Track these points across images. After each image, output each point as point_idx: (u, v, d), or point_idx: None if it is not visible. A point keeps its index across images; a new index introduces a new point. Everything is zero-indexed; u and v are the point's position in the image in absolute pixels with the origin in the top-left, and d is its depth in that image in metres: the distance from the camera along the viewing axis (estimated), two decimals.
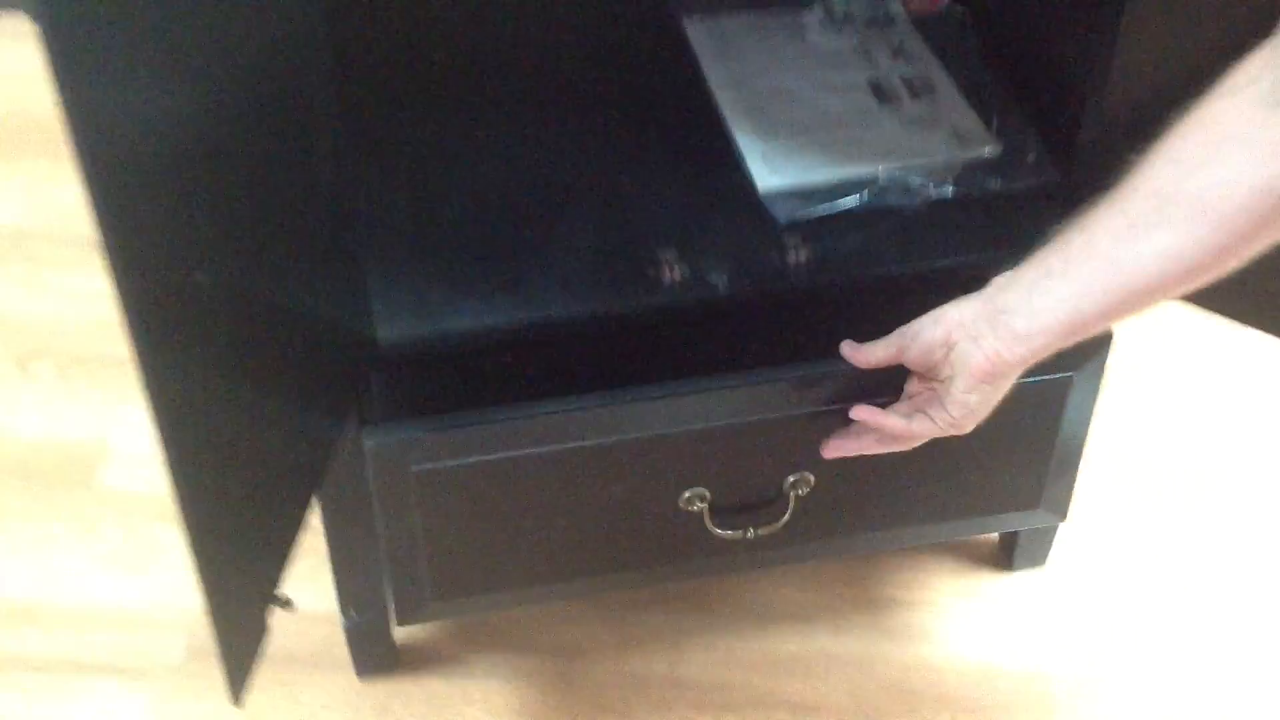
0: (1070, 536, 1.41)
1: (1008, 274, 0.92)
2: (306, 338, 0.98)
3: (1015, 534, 1.37)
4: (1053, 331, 0.89)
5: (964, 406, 0.95)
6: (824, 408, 1.07)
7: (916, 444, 1.02)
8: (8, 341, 1.64)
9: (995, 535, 1.41)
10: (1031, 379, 0.98)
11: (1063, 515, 1.24)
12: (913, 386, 1.01)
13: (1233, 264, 0.81)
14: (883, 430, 1.02)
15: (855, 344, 1.02)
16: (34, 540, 1.44)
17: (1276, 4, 0.78)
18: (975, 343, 0.92)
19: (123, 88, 0.68)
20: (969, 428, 0.97)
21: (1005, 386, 0.95)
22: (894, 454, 1.04)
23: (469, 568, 1.14)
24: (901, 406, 1.01)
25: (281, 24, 0.87)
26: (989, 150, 1.21)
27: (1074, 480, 1.22)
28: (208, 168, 0.78)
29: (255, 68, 0.84)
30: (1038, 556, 1.40)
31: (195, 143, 0.77)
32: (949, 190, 1.17)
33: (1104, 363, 1.14)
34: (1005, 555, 1.41)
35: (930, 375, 0.98)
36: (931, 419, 0.97)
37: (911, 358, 0.98)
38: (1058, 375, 1.12)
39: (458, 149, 1.21)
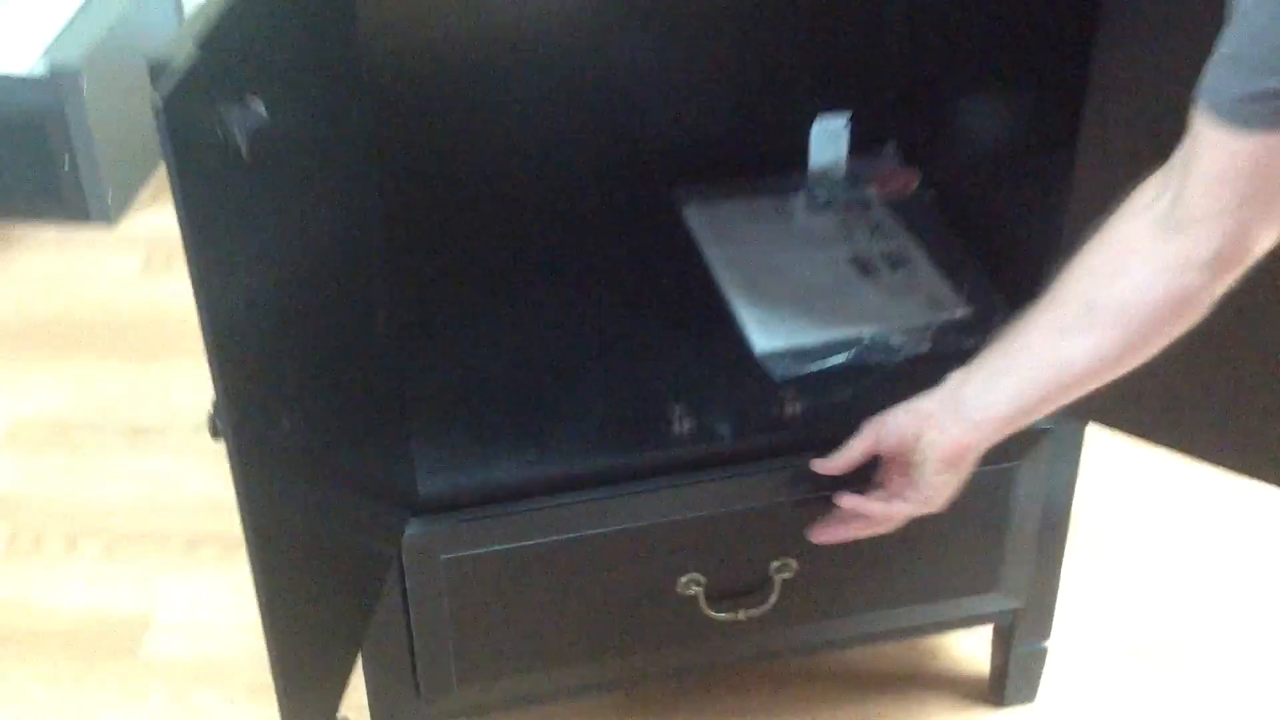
0: (1061, 672, 1.50)
1: (960, 372, 1.07)
2: (361, 481, 1.10)
3: (1006, 667, 1.47)
4: (1004, 418, 1.05)
5: (935, 487, 1.09)
6: (804, 497, 1.21)
7: (895, 526, 1.16)
8: (57, 523, 1.75)
9: (986, 669, 1.51)
10: (978, 469, 1.11)
11: (1020, 598, 1.37)
12: (883, 475, 1.15)
13: (1140, 360, 0.96)
14: (866, 514, 1.15)
15: (823, 459, 1.17)
16: (83, 708, 1.52)
17: None
18: (941, 431, 1.07)
19: (232, 271, 0.82)
20: (940, 505, 1.11)
21: (968, 467, 1.09)
22: (865, 540, 1.18)
23: (491, 650, 1.26)
24: (879, 493, 1.15)
25: (348, 220, 1.02)
26: (960, 313, 1.35)
27: (1029, 565, 1.34)
28: (291, 333, 0.92)
29: (328, 253, 0.98)
30: (1028, 691, 1.50)
31: (282, 314, 0.90)
32: (926, 348, 1.31)
33: (1043, 456, 1.27)
34: (996, 691, 1.50)
35: (902, 460, 1.11)
36: (907, 500, 1.11)
37: (887, 447, 1.12)
38: (1003, 465, 1.25)
39: (491, 322, 1.36)
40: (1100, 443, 1.32)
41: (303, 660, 1.00)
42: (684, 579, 1.26)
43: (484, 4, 1.43)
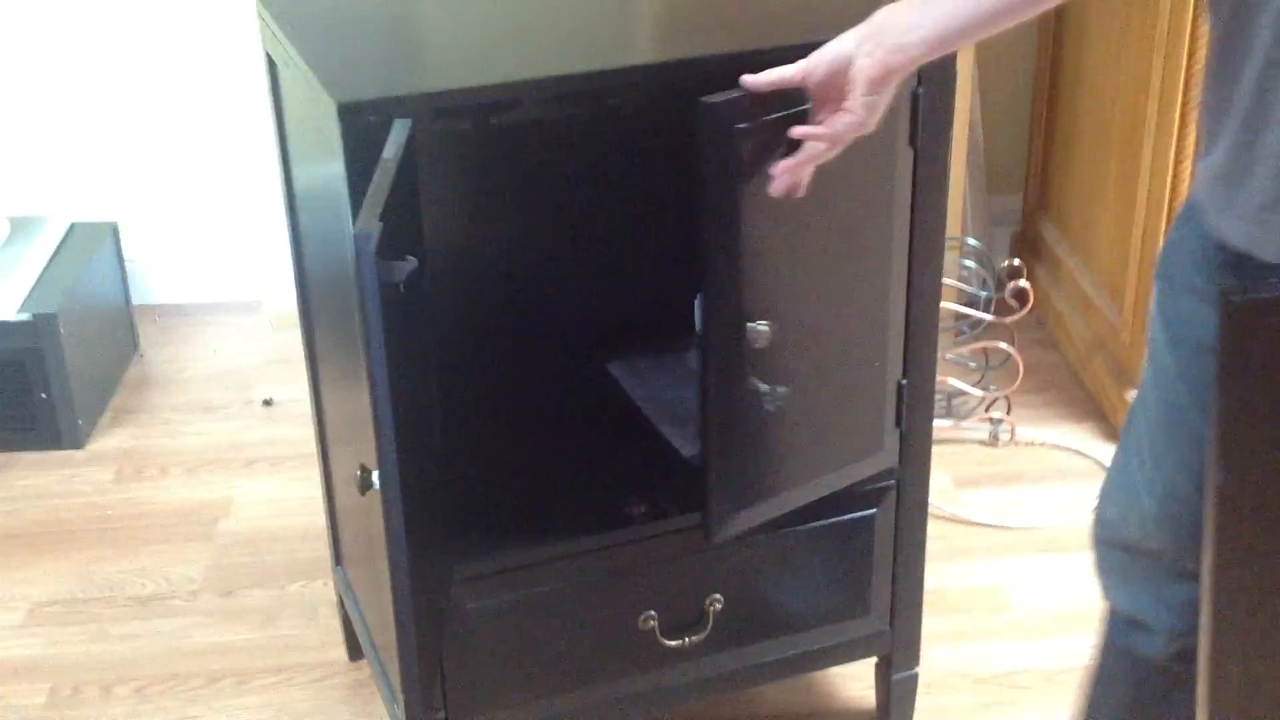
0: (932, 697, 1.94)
1: (886, 9, 1.25)
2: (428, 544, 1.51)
3: (887, 696, 1.90)
4: (927, 43, 1.22)
5: (866, 107, 1.25)
6: (726, 546, 1.64)
7: (841, 143, 1.31)
8: (90, 675, 2.06)
9: (873, 703, 1.94)
10: (845, 516, 1.57)
11: (887, 621, 1.82)
12: (817, 111, 1.31)
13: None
14: (814, 136, 1.30)
15: (754, 75, 1.30)
16: None
17: None
18: (869, 56, 1.23)
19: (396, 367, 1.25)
20: (873, 125, 1.28)
21: (891, 90, 1.27)
22: (766, 577, 1.62)
23: (502, 678, 1.66)
24: (820, 119, 1.31)
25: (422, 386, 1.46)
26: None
27: (889, 593, 1.79)
28: (410, 415, 1.34)
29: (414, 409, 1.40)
30: (906, 714, 1.93)
31: (413, 400, 1.32)
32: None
33: (894, 505, 1.74)
34: (881, 716, 1.93)
35: (835, 90, 1.27)
36: (842, 121, 1.28)
37: (818, 78, 1.27)
38: (867, 511, 1.72)
39: (495, 443, 1.79)
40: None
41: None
42: (642, 616, 1.68)
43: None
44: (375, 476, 1.29)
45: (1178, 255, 1.26)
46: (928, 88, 1.54)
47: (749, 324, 1.48)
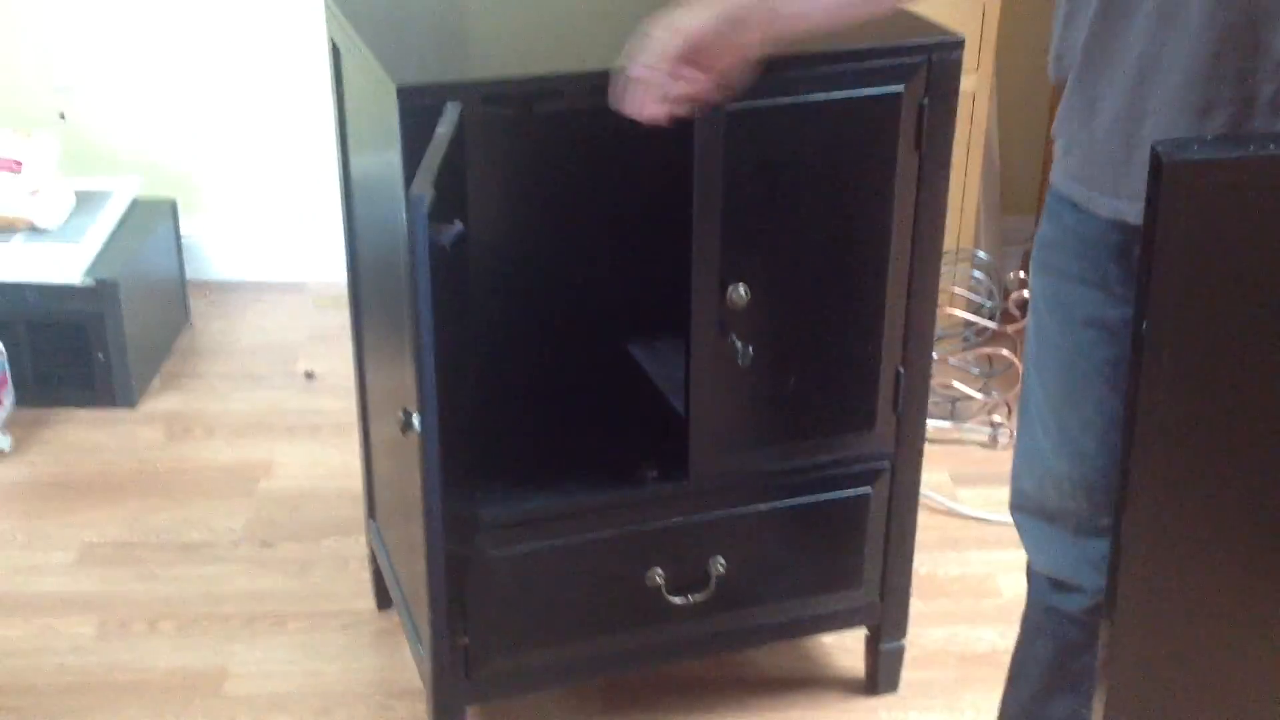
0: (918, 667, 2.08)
1: None
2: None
3: (875, 664, 2.04)
4: (811, 31, 1.44)
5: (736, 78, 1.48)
6: (733, 511, 1.79)
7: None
8: (136, 611, 2.22)
9: (863, 671, 2.08)
10: (841, 493, 1.73)
11: (878, 594, 1.95)
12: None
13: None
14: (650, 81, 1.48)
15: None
16: None
17: None
18: (758, 36, 1.44)
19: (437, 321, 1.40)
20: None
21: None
22: (769, 543, 1.76)
23: (519, 628, 1.81)
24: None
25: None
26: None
27: (883, 567, 1.93)
28: (445, 360, 1.49)
29: (450, 364, 1.57)
30: (892, 683, 2.07)
31: (452, 342, 1.48)
32: None
33: (888, 486, 1.88)
34: (870, 685, 2.07)
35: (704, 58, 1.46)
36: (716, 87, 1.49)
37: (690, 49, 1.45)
38: (861, 489, 1.87)
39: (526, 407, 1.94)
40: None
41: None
42: (650, 572, 1.82)
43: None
44: (416, 418, 1.45)
45: (1055, 249, 1.41)
46: (932, 98, 1.69)
47: (730, 285, 1.65)
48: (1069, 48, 1.33)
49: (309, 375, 2.90)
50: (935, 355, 1.98)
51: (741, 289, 1.67)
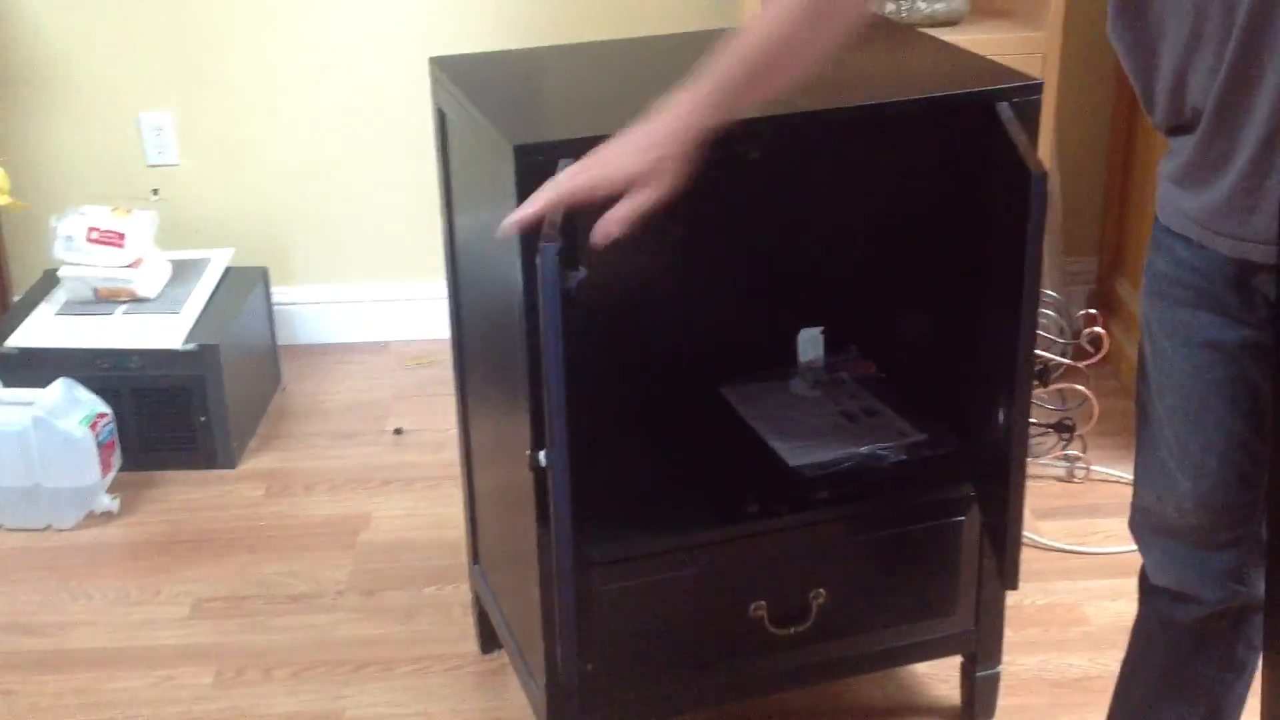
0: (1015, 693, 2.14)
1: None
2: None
3: (971, 692, 2.10)
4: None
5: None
6: (832, 543, 1.86)
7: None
8: (251, 660, 2.31)
9: (958, 699, 2.14)
10: (936, 522, 1.81)
11: (972, 621, 2.01)
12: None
13: (821, 35, 1.47)
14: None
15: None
16: None
17: None
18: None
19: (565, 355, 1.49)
20: None
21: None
22: (865, 575, 1.86)
23: (629, 659, 1.88)
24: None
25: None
26: (917, 436, 2.05)
27: (975, 598, 1.99)
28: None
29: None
30: (988, 710, 2.12)
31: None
32: (902, 456, 2.00)
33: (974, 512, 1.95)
34: (967, 713, 2.13)
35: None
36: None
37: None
38: (955, 518, 1.93)
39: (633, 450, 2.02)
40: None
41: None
42: (753, 605, 1.90)
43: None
44: (543, 455, 1.53)
45: (1168, 279, 1.49)
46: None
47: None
48: (1185, 97, 1.40)
49: (398, 432, 3.00)
50: None
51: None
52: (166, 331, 2.83)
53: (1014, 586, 1.83)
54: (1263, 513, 1.46)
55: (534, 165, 1.62)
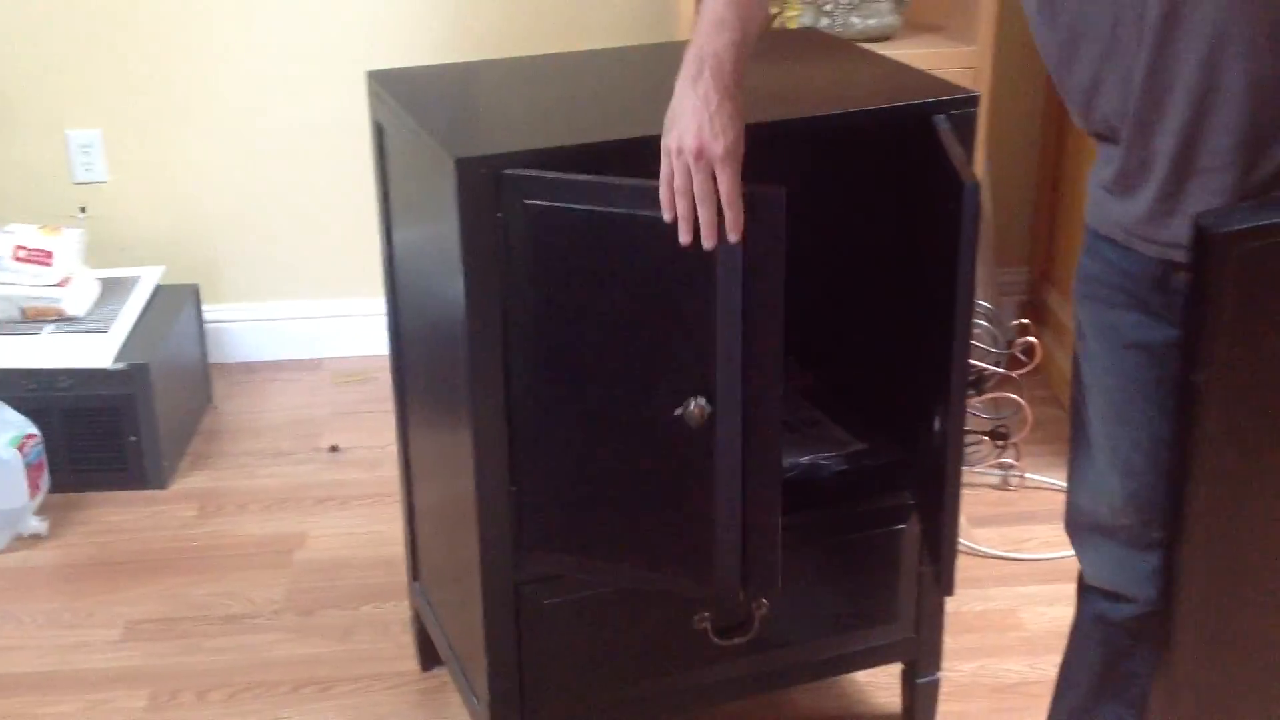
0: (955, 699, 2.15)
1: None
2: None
3: (912, 699, 2.12)
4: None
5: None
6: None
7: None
8: (185, 683, 2.28)
9: (899, 706, 2.15)
10: (876, 530, 1.83)
11: (912, 628, 2.03)
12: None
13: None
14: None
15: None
16: None
17: None
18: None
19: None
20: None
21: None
22: (806, 584, 1.87)
23: (574, 671, 1.87)
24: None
25: None
26: (856, 446, 2.06)
27: (913, 603, 2.01)
28: None
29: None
30: (929, 716, 2.14)
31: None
32: (842, 465, 2.01)
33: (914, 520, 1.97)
34: (907, 718, 2.14)
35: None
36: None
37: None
38: (895, 526, 1.94)
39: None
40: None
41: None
42: (697, 616, 1.90)
43: None
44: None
45: (1097, 281, 1.52)
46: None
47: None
48: (1101, 108, 1.44)
49: (334, 449, 2.97)
50: None
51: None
52: (95, 350, 2.79)
53: (950, 593, 1.84)
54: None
55: (475, 179, 1.61)
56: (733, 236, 1.55)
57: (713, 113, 1.51)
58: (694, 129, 1.50)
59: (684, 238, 1.55)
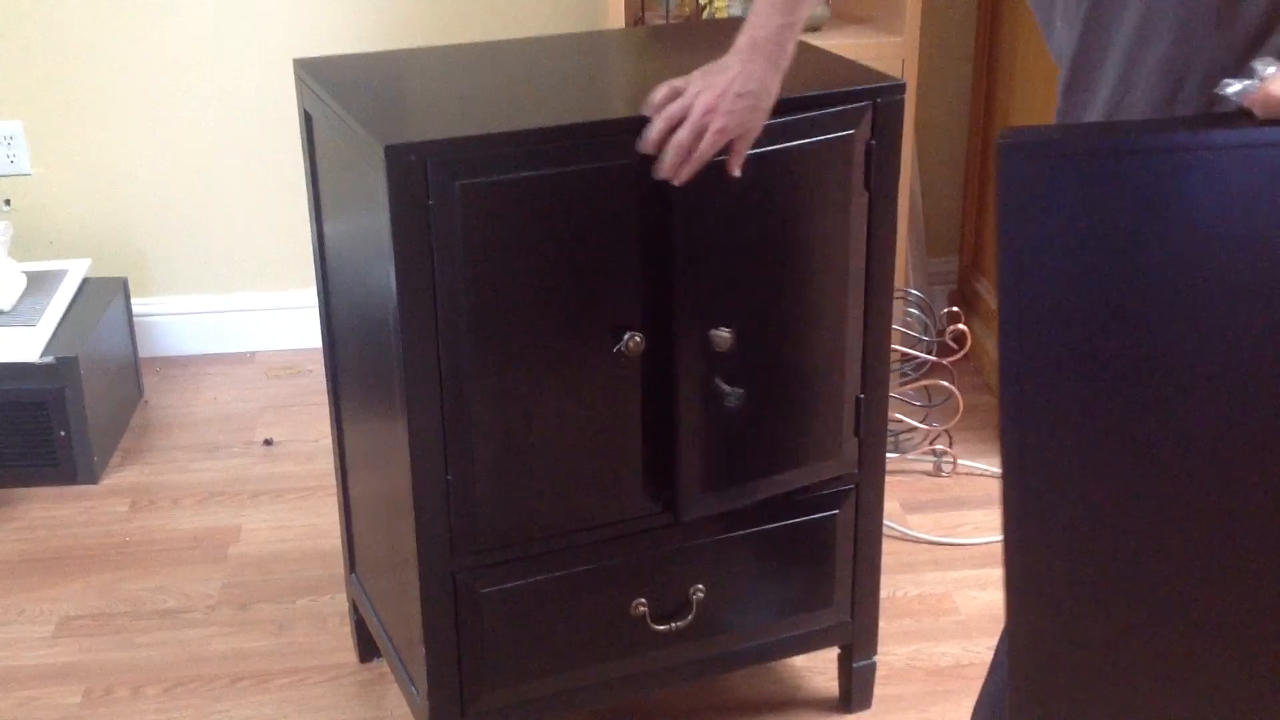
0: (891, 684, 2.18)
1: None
2: None
3: (849, 683, 2.14)
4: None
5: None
6: (710, 539, 1.89)
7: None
8: (120, 678, 2.26)
9: (836, 690, 2.17)
10: (810, 516, 1.86)
11: (848, 614, 2.05)
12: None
13: None
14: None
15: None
16: None
17: None
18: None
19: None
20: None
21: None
22: (742, 570, 1.89)
23: (513, 659, 1.88)
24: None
25: None
26: None
27: (853, 587, 2.04)
28: None
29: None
30: (865, 700, 2.16)
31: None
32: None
33: (853, 507, 1.99)
34: (844, 704, 2.16)
35: None
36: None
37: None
38: (829, 512, 1.97)
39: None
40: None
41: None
42: (634, 602, 1.91)
43: None
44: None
45: None
46: (880, 140, 1.81)
47: (712, 330, 1.75)
48: (1051, 44, 1.45)
49: (268, 443, 2.95)
50: None
51: (725, 332, 1.76)
52: (23, 344, 2.75)
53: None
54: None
55: (405, 166, 1.61)
56: (675, 182, 1.68)
57: (739, 91, 1.63)
58: (719, 90, 1.63)
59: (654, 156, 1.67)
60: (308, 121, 1.96)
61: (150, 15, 3.07)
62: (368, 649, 2.27)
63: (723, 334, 1.76)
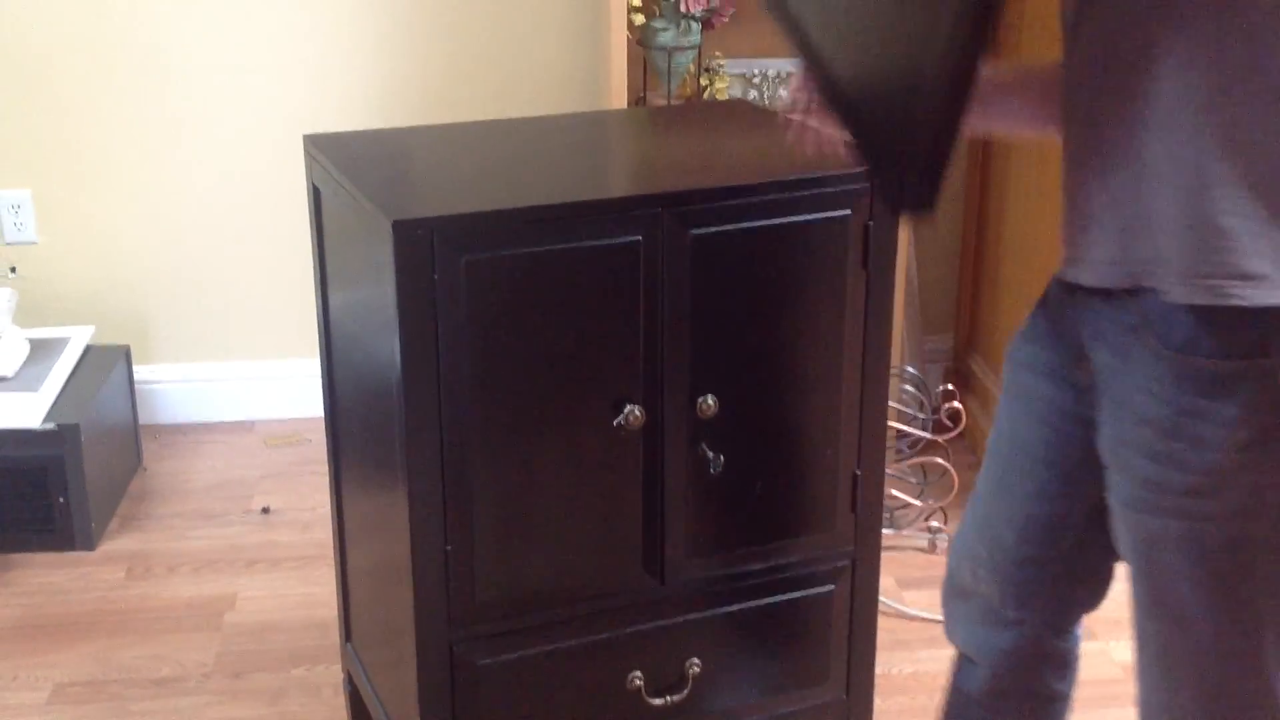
0: None
1: None
2: None
3: None
4: None
5: None
6: (706, 613, 1.89)
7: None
8: None
9: None
10: (806, 592, 1.86)
11: (844, 689, 2.06)
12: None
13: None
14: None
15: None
16: None
17: None
18: None
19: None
20: None
21: None
22: (738, 645, 1.88)
23: None
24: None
25: None
26: None
27: (845, 665, 2.04)
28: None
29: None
30: None
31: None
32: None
33: (849, 583, 2.00)
34: None
35: None
36: None
37: None
38: (825, 588, 1.98)
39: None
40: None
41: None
42: (630, 676, 1.91)
43: None
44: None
45: (1022, 335, 1.56)
46: (877, 220, 1.84)
47: (700, 397, 1.79)
48: None
49: (265, 511, 2.96)
50: None
51: (710, 400, 1.80)
52: (24, 410, 2.77)
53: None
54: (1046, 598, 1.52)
55: (412, 240, 1.64)
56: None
57: None
58: None
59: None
60: (316, 195, 2.00)
61: (159, 87, 3.12)
62: (361, 719, 2.27)
63: (709, 402, 1.79)
